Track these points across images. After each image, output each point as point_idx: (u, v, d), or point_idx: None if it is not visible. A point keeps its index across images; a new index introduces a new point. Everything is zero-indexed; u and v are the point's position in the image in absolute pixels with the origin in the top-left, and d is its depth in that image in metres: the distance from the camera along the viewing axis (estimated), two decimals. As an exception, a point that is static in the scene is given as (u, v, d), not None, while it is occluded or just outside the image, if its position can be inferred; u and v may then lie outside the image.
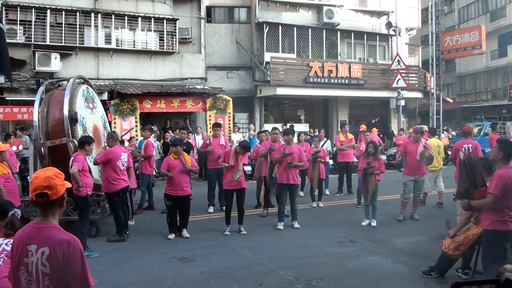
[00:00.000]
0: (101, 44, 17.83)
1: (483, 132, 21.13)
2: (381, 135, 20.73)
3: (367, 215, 9.58)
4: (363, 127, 14.74)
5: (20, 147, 13.69)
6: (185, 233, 8.62)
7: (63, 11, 17.08)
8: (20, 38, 16.62)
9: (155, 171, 11.96)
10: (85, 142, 7.82)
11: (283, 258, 7.34)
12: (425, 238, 8.53)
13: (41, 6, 16.86)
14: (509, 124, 23.53)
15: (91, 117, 9.89)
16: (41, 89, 9.32)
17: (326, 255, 7.49)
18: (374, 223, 9.43)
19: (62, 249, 2.76)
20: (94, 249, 7.54)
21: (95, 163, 8.43)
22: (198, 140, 15.74)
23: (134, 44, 18.54)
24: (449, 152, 20.90)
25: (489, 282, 1.94)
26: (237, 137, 16.98)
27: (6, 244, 3.81)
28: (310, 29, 21.99)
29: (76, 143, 8.15)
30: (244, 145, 9.12)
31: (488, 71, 34.68)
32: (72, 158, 7.57)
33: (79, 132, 8.72)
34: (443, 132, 24.70)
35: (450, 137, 23.12)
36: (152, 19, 18.55)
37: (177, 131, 13.31)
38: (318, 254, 7.54)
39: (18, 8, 16.55)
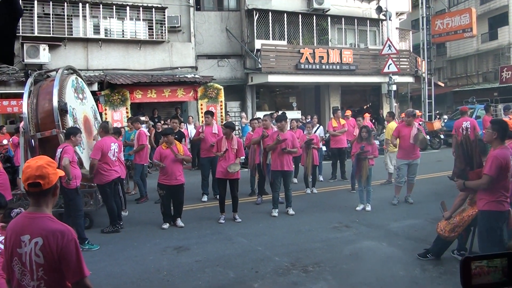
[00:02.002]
0: (90, 34, 17.59)
1: (475, 115, 21.15)
2: (373, 121, 20.75)
3: (361, 200, 9.58)
4: (348, 112, 15.00)
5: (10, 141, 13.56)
6: (179, 222, 8.58)
7: (51, 2, 16.78)
8: (7, 30, 16.35)
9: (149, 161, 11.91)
10: (70, 133, 7.68)
11: (278, 244, 7.33)
12: (419, 221, 8.55)
13: (27, -4, 16.61)
14: (500, 107, 23.60)
15: (81, 107, 9.77)
16: (30, 80, 9.18)
17: (321, 241, 7.48)
18: (368, 208, 9.44)
19: (55, 240, 2.70)
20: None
21: (93, 163, 8.23)
22: (190, 130, 15.67)
23: (123, 33, 18.32)
24: (442, 136, 21.09)
25: (500, 255, 1.89)
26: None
27: (0, 242, 3.75)
28: (300, 15, 21.83)
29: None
30: (228, 125, 9.21)
31: (479, 55, 34.72)
32: (60, 150, 7.44)
33: (70, 123, 8.60)
34: (435, 117, 24.77)
35: (443, 121, 23.19)
36: (141, 8, 18.32)
37: (169, 120, 13.25)
38: (314, 240, 7.53)
39: (4, -1, 16.24)
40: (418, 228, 8.03)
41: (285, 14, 21.38)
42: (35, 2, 16.54)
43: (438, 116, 25.12)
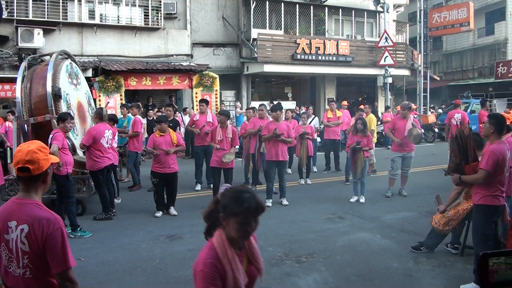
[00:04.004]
0: (85, 19, 17.38)
1: (469, 110, 21.20)
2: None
3: (355, 192, 9.57)
4: (344, 102, 15.10)
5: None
6: (172, 210, 8.54)
7: (45, -15, 16.60)
8: (2, 13, 16.15)
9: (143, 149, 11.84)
10: (63, 118, 7.56)
11: (272, 235, 7.30)
12: (413, 213, 8.56)
13: (22, -20, 16.38)
14: (495, 102, 23.68)
15: (75, 93, 9.67)
16: (23, 64, 9.07)
17: (315, 232, 7.46)
18: (362, 200, 9.44)
19: (41, 227, 2.64)
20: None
21: (82, 147, 8.22)
22: (185, 119, 15.57)
23: (118, 19, 18.10)
24: (436, 130, 21.14)
25: None
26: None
27: None
28: (297, 5, 21.71)
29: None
30: (222, 112, 9.22)
31: (475, 49, 34.72)
32: (51, 136, 7.35)
33: (63, 109, 8.51)
34: (429, 110, 24.79)
35: (437, 114, 23.23)
36: (137, -7, 18.15)
37: (163, 108, 13.15)
38: (307, 231, 7.52)
39: (-1, -18, 16.04)
40: (412, 221, 8.03)
41: (282, 4, 21.26)
42: (30, -14, 16.33)
43: (432, 110, 25.13)
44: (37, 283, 2.73)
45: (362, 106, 16.31)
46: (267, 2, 20.83)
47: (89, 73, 15.91)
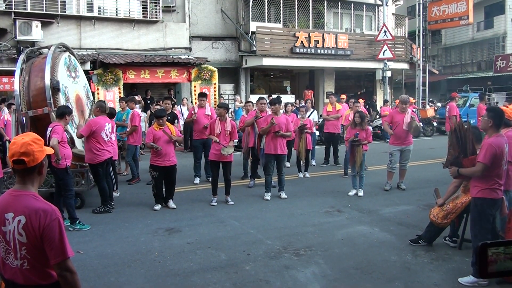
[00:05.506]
0: (83, 12, 17.33)
1: (468, 103, 21.22)
2: (367, 106, 20.74)
3: (354, 185, 9.58)
4: (343, 96, 15.12)
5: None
6: (171, 204, 8.54)
7: (43, -23, 16.53)
8: (0, 6, 16.09)
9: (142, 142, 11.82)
10: (65, 112, 7.56)
11: (270, 228, 7.32)
12: (412, 207, 8.58)
13: (20, -28, 16.30)
14: (494, 96, 23.68)
15: (74, 86, 9.64)
16: (22, 57, 9.04)
17: (313, 225, 7.48)
18: (361, 193, 9.45)
19: (38, 218, 2.64)
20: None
21: (80, 136, 8.24)
22: (184, 111, 15.55)
23: (116, 12, 18.06)
24: (435, 124, 21.15)
25: None
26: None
27: None
28: (296, -2, 21.68)
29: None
30: (222, 105, 9.19)
31: (474, 43, 34.69)
32: (50, 129, 7.31)
33: (62, 102, 8.49)
34: (428, 104, 24.81)
35: (436, 108, 23.24)
36: (135, -14, 18.08)
37: (161, 102, 13.14)
38: (306, 224, 7.53)
39: (-4, -26, 15.98)
40: (411, 214, 8.05)
41: (281, -4, 21.20)
42: (28, -22, 16.26)
43: (431, 104, 25.16)
44: (35, 274, 2.73)
45: (360, 100, 16.34)
46: (266, -5, 20.77)
47: (88, 66, 15.89)
